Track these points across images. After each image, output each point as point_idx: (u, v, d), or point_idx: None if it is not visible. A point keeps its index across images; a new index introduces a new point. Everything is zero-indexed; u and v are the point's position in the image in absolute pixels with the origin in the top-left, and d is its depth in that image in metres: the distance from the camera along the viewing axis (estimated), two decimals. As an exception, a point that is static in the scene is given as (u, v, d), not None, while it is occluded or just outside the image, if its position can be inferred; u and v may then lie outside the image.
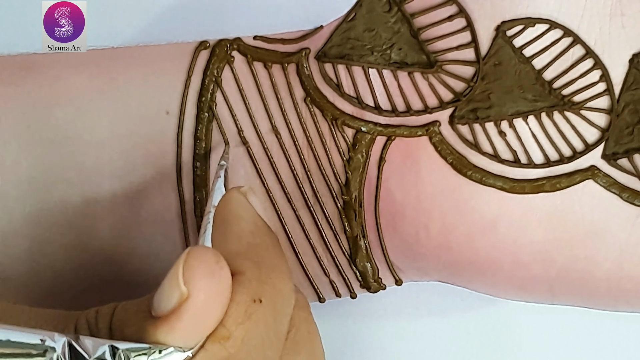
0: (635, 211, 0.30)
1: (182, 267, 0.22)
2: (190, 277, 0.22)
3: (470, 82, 0.30)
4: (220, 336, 0.23)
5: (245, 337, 0.23)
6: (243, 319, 0.23)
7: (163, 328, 0.22)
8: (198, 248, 0.23)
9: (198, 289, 0.22)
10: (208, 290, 0.22)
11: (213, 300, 0.22)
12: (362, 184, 0.31)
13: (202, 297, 0.22)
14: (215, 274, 0.23)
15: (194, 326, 0.22)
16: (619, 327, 0.36)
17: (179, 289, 0.22)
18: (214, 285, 0.22)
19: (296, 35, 0.31)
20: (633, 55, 0.30)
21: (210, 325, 0.23)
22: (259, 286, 0.24)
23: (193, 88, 0.31)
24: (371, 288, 0.32)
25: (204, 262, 0.22)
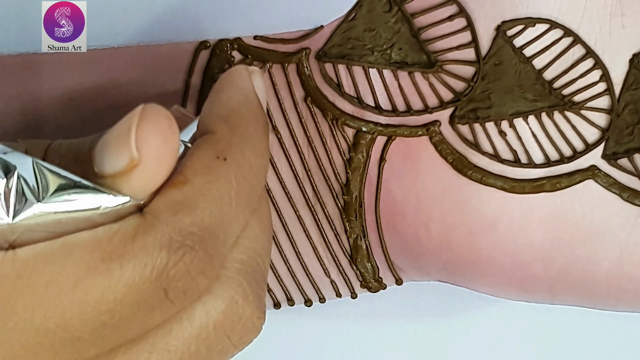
0: (636, 211, 0.30)
1: (135, 127, 0.22)
2: (144, 142, 0.22)
3: (470, 82, 0.30)
4: (177, 181, 0.22)
5: (203, 188, 0.23)
6: (203, 171, 0.23)
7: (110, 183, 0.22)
8: (151, 108, 0.22)
9: (150, 156, 0.22)
10: (160, 154, 0.22)
11: (164, 162, 0.22)
12: (362, 183, 0.31)
13: (154, 162, 0.22)
14: (167, 138, 0.22)
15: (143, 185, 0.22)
16: (619, 327, 0.36)
17: (130, 152, 0.22)
18: (166, 148, 0.22)
19: (296, 35, 0.31)
20: (633, 55, 0.30)
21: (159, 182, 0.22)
22: (226, 146, 0.24)
23: (193, 88, 0.31)
24: (371, 288, 0.32)
25: (158, 126, 0.22)
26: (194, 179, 0.23)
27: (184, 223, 0.22)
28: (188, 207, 0.22)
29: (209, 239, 0.22)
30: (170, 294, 0.22)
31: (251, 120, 0.25)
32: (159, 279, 0.21)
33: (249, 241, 0.24)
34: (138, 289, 0.21)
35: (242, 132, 0.24)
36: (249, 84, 0.26)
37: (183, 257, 0.22)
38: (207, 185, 0.23)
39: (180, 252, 0.22)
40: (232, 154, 0.24)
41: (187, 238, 0.22)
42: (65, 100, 0.30)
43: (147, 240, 0.21)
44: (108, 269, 0.21)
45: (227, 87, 0.26)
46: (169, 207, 0.22)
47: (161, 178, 0.22)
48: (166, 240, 0.22)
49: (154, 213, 0.22)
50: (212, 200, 0.23)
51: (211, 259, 0.22)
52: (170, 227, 0.22)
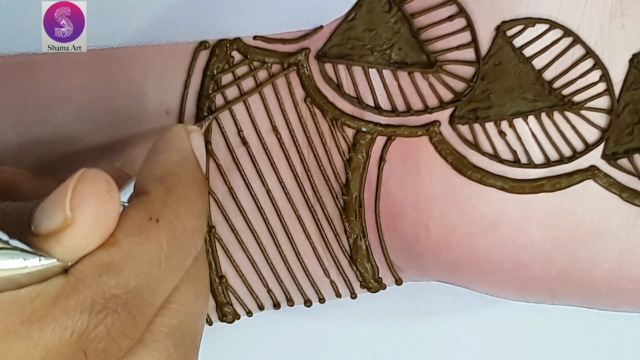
0: (635, 211, 0.30)
1: (72, 189, 0.22)
2: (78, 204, 0.22)
3: (470, 82, 0.30)
4: (106, 242, 0.22)
5: (132, 250, 0.22)
6: (134, 232, 0.23)
7: (43, 244, 0.22)
8: (90, 172, 0.22)
9: (83, 217, 0.22)
10: (94, 217, 0.22)
11: (98, 226, 0.22)
12: (362, 184, 0.31)
13: (87, 224, 0.22)
14: (104, 202, 0.22)
15: (74, 248, 0.22)
16: (619, 327, 0.36)
17: (64, 213, 0.22)
18: (101, 212, 0.22)
19: (296, 35, 0.31)
20: (633, 55, 0.30)
21: (91, 247, 0.22)
22: (160, 208, 0.24)
23: (193, 88, 0.31)
24: (371, 288, 0.32)
25: (94, 190, 0.22)
26: (124, 240, 0.22)
27: (108, 285, 0.22)
28: (114, 270, 0.22)
29: (133, 301, 0.22)
30: (90, 356, 0.22)
31: (188, 181, 0.25)
32: (78, 342, 0.21)
33: (180, 305, 0.24)
34: (57, 351, 0.21)
35: (177, 193, 0.24)
36: (187, 144, 0.26)
37: (104, 320, 0.22)
38: (136, 247, 0.23)
39: (101, 315, 0.22)
40: (166, 216, 0.23)
41: (110, 300, 0.22)
42: (65, 100, 0.30)
43: (69, 302, 0.21)
44: (27, 332, 0.21)
45: (164, 147, 0.26)
46: (95, 269, 0.22)
47: (94, 241, 0.22)
48: (88, 302, 0.21)
49: (78, 275, 0.22)
50: (140, 263, 0.23)
51: (134, 320, 0.22)
52: (94, 289, 0.22)
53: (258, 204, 0.31)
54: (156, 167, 0.25)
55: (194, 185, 0.25)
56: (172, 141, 0.26)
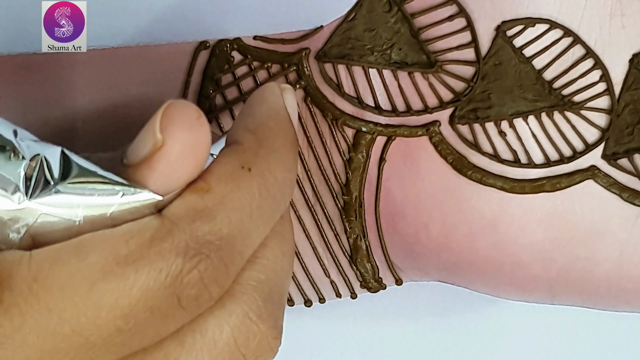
0: (636, 211, 0.30)
1: (161, 116, 0.22)
2: (167, 126, 0.22)
3: (470, 82, 0.30)
4: (199, 188, 0.22)
5: (225, 197, 0.22)
6: (226, 180, 0.23)
7: (135, 174, 0.22)
8: (179, 101, 0.22)
9: (174, 139, 0.22)
10: (184, 141, 0.22)
11: (189, 152, 0.22)
12: (362, 184, 0.31)
13: (178, 147, 0.22)
14: (194, 127, 0.22)
15: (166, 176, 0.22)
16: (619, 327, 0.36)
17: (154, 136, 0.22)
18: (191, 137, 0.22)
19: (296, 35, 0.31)
20: (633, 55, 0.30)
21: (184, 177, 0.22)
22: (252, 157, 0.23)
23: (193, 88, 0.31)
24: (371, 288, 0.32)
25: (183, 114, 0.22)
26: (217, 187, 0.22)
27: (202, 231, 0.22)
28: (207, 216, 0.22)
29: (226, 249, 0.22)
30: (183, 301, 0.22)
31: (279, 134, 0.25)
32: (172, 285, 0.21)
33: (268, 261, 0.24)
34: (152, 294, 0.21)
35: (269, 145, 0.24)
36: (279, 100, 0.26)
37: (198, 265, 0.22)
38: (229, 195, 0.22)
39: (195, 259, 0.21)
40: (258, 166, 0.23)
41: (204, 246, 0.22)
42: (65, 101, 0.30)
43: (163, 246, 0.21)
44: (123, 273, 0.21)
45: (257, 101, 0.26)
46: (188, 213, 0.22)
47: (185, 172, 0.22)
48: (182, 247, 0.21)
49: (172, 218, 0.22)
50: (233, 211, 0.22)
51: (226, 268, 0.22)
52: (188, 234, 0.22)
53: (258, 204, 0.31)
54: (249, 120, 0.25)
55: (285, 139, 0.25)
56: (265, 96, 0.26)
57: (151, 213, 0.22)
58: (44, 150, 0.22)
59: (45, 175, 0.22)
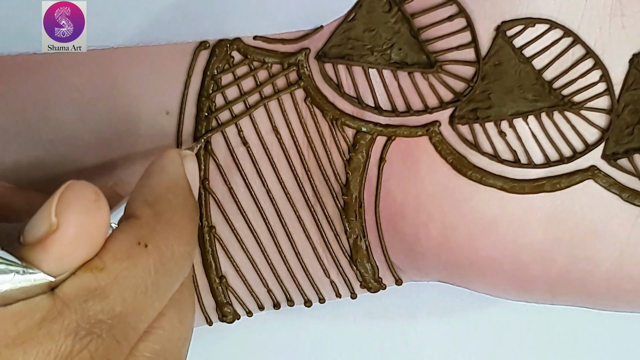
0: (635, 211, 0.30)
1: (57, 199, 0.22)
2: (63, 209, 0.22)
3: (470, 82, 0.30)
4: (93, 266, 0.22)
5: (119, 275, 0.22)
6: (122, 257, 0.23)
7: (29, 254, 0.22)
8: (78, 183, 0.22)
9: (68, 223, 0.22)
10: (79, 225, 0.22)
11: (83, 236, 0.22)
12: (362, 184, 0.31)
13: (72, 231, 0.22)
14: (90, 210, 0.22)
15: (59, 258, 0.22)
16: (619, 327, 0.36)
17: (49, 219, 0.22)
18: (86, 221, 0.22)
19: (296, 35, 0.31)
20: (633, 55, 0.30)
21: (78, 259, 0.22)
22: (148, 232, 0.24)
23: (193, 88, 0.31)
24: (371, 288, 0.32)
25: (80, 197, 0.22)
26: (111, 265, 0.22)
27: (94, 310, 0.22)
28: (100, 295, 0.22)
29: (118, 326, 0.22)
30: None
31: (178, 207, 0.25)
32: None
33: (164, 331, 0.24)
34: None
35: (167, 219, 0.24)
36: (179, 169, 0.26)
37: (88, 345, 0.22)
38: (124, 273, 0.23)
39: (86, 340, 0.22)
40: (154, 241, 0.23)
41: (95, 326, 0.22)
42: (65, 100, 0.30)
43: (53, 326, 0.21)
44: (11, 355, 0.21)
45: (157, 171, 0.26)
46: (81, 293, 0.22)
47: (80, 251, 0.22)
48: (73, 327, 0.21)
49: (64, 298, 0.22)
50: (127, 289, 0.23)
51: (119, 345, 0.22)
52: (79, 314, 0.22)
53: (258, 204, 0.31)
54: (147, 192, 0.25)
55: (184, 210, 0.25)
56: (164, 166, 0.26)
57: (43, 292, 0.22)
58: None
59: None
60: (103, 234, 0.23)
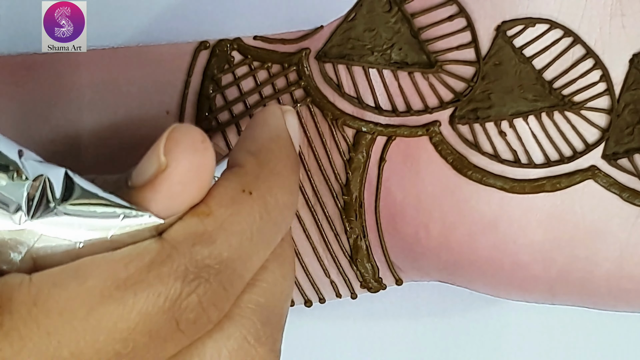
0: (636, 211, 0.30)
1: (165, 139, 0.22)
2: (171, 149, 0.22)
3: (470, 82, 0.30)
4: (200, 211, 0.22)
5: (225, 221, 0.22)
6: (227, 203, 0.23)
7: (138, 196, 0.22)
8: (184, 125, 0.22)
9: (177, 161, 0.22)
10: (188, 164, 0.22)
11: (192, 175, 0.22)
12: (362, 184, 0.31)
13: (181, 170, 0.22)
14: (198, 150, 0.22)
15: (169, 198, 0.22)
16: (619, 327, 0.36)
17: (158, 159, 0.22)
18: (194, 160, 0.22)
19: (296, 35, 0.31)
20: (633, 55, 0.30)
21: (186, 200, 0.22)
22: (253, 180, 0.24)
23: (193, 88, 0.31)
24: (371, 288, 0.32)
25: (188, 138, 0.22)
26: (217, 211, 0.22)
27: (201, 255, 0.22)
28: (207, 240, 0.22)
29: (225, 272, 0.22)
30: (182, 325, 0.22)
31: (281, 157, 0.25)
32: (171, 310, 0.21)
33: (268, 284, 0.24)
34: (151, 318, 0.21)
35: (270, 168, 0.24)
36: (281, 122, 0.26)
37: (196, 289, 0.22)
38: (230, 218, 0.23)
39: (194, 283, 0.22)
40: (259, 189, 0.23)
41: (203, 270, 0.22)
42: (65, 100, 0.30)
43: (163, 270, 0.21)
44: (122, 297, 0.21)
45: (259, 124, 0.26)
46: (188, 237, 0.22)
47: (188, 196, 0.22)
48: (181, 271, 0.21)
49: (172, 242, 0.22)
50: (233, 234, 0.23)
51: (225, 292, 0.22)
52: (187, 258, 0.22)
53: (258, 204, 0.31)
54: (250, 142, 0.25)
55: (287, 161, 0.25)
56: (266, 119, 0.26)
57: (151, 236, 0.22)
58: (48, 171, 0.22)
59: (47, 196, 0.22)
60: (210, 175, 0.23)
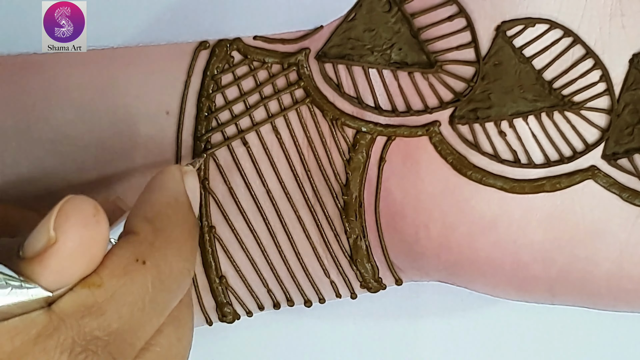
0: (636, 211, 0.30)
1: (56, 213, 0.22)
2: (62, 223, 0.22)
3: (470, 82, 0.30)
4: (90, 282, 0.22)
5: (117, 292, 0.22)
6: (119, 273, 0.23)
7: (27, 268, 0.22)
8: (77, 197, 0.22)
9: (66, 236, 0.22)
10: (77, 239, 0.22)
11: (82, 249, 0.22)
12: (362, 184, 0.31)
13: (70, 245, 0.22)
14: (88, 224, 0.22)
15: (58, 272, 0.22)
16: (619, 327, 0.36)
17: (47, 233, 0.22)
18: (85, 235, 0.22)
19: (296, 35, 0.31)
20: (633, 55, 0.30)
21: (76, 274, 0.22)
22: (147, 249, 0.23)
23: (193, 88, 0.31)
24: (371, 288, 0.32)
25: (79, 211, 0.22)
26: (109, 281, 0.22)
27: (90, 327, 0.22)
28: (97, 312, 0.22)
29: (114, 343, 0.22)
30: None
31: (177, 223, 0.25)
32: None
33: (162, 348, 0.24)
34: None
35: (166, 236, 0.24)
36: (180, 186, 0.26)
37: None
38: (121, 289, 0.23)
39: (81, 356, 0.22)
40: (153, 257, 0.23)
41: (91, 342, 0.22)
42: (65, 100, 0.30)
43: (49, 343, 0.21)
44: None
45: (156, 188, 0.26)
46: (77, 309, 0.22)
47: (78, 269, 0.22)
48: (68, 344, 0.21)
49: (60, 314, 0.22)
50: (124, 305, 0.23)
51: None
52: (75, 330, 0.22)
53: (258, 204, 0.31)
54: (147, 208, 0.25)
55: (183, 227, 0.25)
56: (164, 182, 0.26)
57: (41, 307, 0.22)
58: None
59: None
60: (101, 249, 0.23)
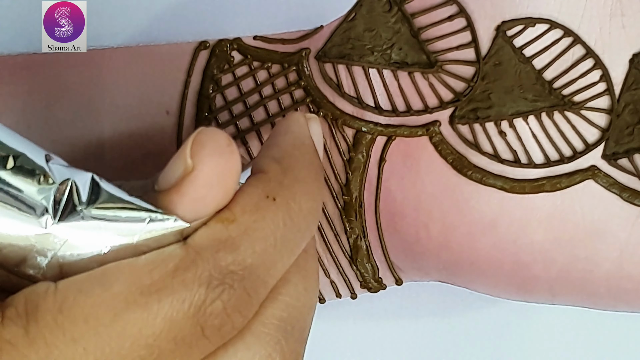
0: (636, 211, 0.30)
1: (192, 142, 0.22)
2: (198, 151, 0.22)
3: (470, 82, 0.30)
4: (224, 217, 0.22)
5: (250, 227, 0.22)
6: (251, 210, 0.23)
7: (164, 200, 0.22)
8: (210, 128, 0.22)
9: (203, 164, 0.22)
10: (214, 167, 0.22)
11: (218, 178, 0.22)
12: (362, 184, 0.31)
13: (207, 173, 0.22)
14: (223, 153, 0.22)
15: (195, 201, 0.22)
16: (619, 327, 0.36)
17: (185, 162, 0.22)
18: (220, 163, 0.22)
19: (296, 35, 0.31)
20: (633, 55, 0.30)
21: (212, 204, 0.22)
22: (276, 187, 0.24)
23: (193, 88, 0.31)
24: (371, 288, 0.32)
25: (214, 141, 0.22)
26: (241, 217, 0.22)
27: (226, 261, 0.22)
28: (231, 246, 0.22)
29: (249, 278, 0.22)
30: (207, 331, 0.22)
31: (304, 164, 0.25)
32: (196, 316, 0.21)
33: (291, 298, 0.24)
34: (176, 324, 0.21)
35: (294, 175, 0.24)
36: (305, 130, 0.26)
37: (221, 295, 0.22)
38: (253, 225, 0.23)
39: (218, 289, 0.22)
40: (282, 195, 0.23)
41: (227, 276, 0.22)
42: (65, 100, 0.30)
43: (187, 275, 0.21)
44: (146, 303, 0.21)
45: (282, 131, 0.26)
46: (212, 243, 0.22)
47: (214, 199, 0.22)
48: (206, 277, 0.21)
49: (196, 248, 0.22)
50: (257, 241, 0.23)
51: (249, 298, 0.22)
52: (211, 264, 0.22)
53: (258, 204, 0.31)
54: (274, 149, 0.25)
55: (310, 168, 0.25)
56: (290, 126, 0.26)
57: (176, 241, 0.22)
58: (74, 175, 0.22)
59: (73, 200, 0.22)
60: (235, 179, 0.23)
